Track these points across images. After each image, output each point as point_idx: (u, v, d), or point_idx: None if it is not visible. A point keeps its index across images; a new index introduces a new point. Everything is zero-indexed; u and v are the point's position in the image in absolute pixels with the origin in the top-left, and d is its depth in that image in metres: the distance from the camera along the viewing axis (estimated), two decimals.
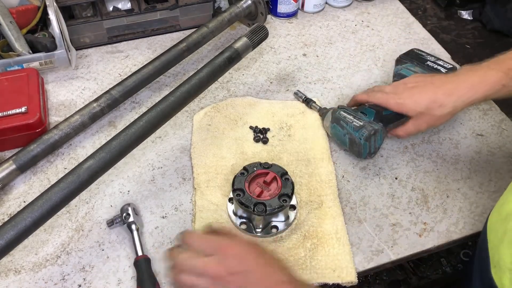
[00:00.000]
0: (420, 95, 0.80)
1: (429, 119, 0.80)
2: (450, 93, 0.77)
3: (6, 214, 0.82)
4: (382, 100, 0.84)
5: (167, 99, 0.86)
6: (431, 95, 0.79)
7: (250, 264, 0.57)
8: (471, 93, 0.76)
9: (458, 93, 0.77)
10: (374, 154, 0.90)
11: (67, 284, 0.73)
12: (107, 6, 1.14)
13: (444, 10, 1.32)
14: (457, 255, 0.99)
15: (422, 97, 0.80)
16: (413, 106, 0.80)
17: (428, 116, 0.80)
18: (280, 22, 1.24)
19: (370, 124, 0.85)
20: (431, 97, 0.78)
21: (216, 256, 0.56)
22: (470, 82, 0.76)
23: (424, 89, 0.80)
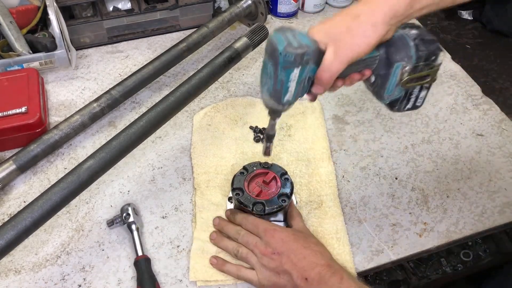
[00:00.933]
0: (336, 15, 0.62)
1: (346, 39, 0.59)
2: (367, 1, 0.61)
3: (6, 214, 0.82)
4: None
5: (167, 99, 0.86)
6: (346, 10, 0.61)
7: (291, 246, 0.69)
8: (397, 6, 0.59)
9: (377, 5, 0.59)
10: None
11: (67, 284, 0.73)
12: (107, 6, 1.14)
13: (444, 10, 1.31)
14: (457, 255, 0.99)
15: (336, 15, 0.62)
16: (325, 28, 0.61)
17: (344, 35, 0.59)
18: (280, 22, 1.24)
19: None
20: (344, 11, 0.61)
21: (264, 238, 0.71)
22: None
23: (342, 11, 0.62)
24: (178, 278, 0.74)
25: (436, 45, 0.65)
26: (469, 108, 1.02)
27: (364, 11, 0.59)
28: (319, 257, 0.68)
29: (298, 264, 0.67)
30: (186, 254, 0.77)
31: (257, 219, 0.74)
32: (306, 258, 0.68)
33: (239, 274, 0.72)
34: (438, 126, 0.98)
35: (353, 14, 0.60)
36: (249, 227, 0.74)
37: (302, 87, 0.62)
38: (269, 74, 0.60)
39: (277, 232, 0.71)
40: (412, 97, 0.70)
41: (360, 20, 0.59)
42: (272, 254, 0.69)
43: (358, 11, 0.60)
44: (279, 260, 0.68)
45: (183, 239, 0.79)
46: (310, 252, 0.68)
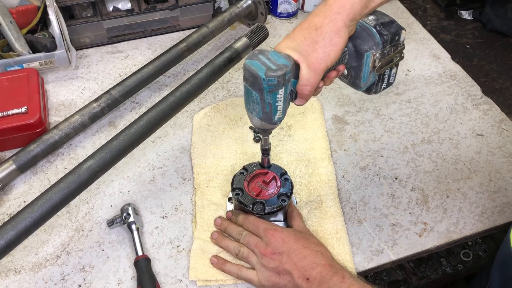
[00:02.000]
0: (296, 30, 0.63)
1: (314, 53, 0.61)
2: (323, 10, 0.61)
3: (6, 214, 0.82)
4: None
5: (167, 99, 0.86)
6: (304, 23, 0.62)
7: (291, 246, 0.69)
8: (347, 2, 0.60)
9: (331, 5, 0.61)
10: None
11: (67, 284, 0.73)
12: (107, 6, 1.14)
13: (444, 10, 1.32)
14: (457, 255, 0.99)
15: (297, 30, 0.63)
16: (290, 43, 0.62)
17: (310, 47, 0.61)
18: (280, 22, 1.24)
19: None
20: (304, 25, 0.62)
21: (264, 238, 0.71)
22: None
23: (301, 25, 0.63)
24: (178, 278, 0.74)
25: (396, 25, 0.68)
26: (469, 108, 1.02)
27: (324, 23, 0.61)
28: (320, 257, 0.68)
29: (299, 264, 0.67)
30: (186, 254, 0.77)
31: (257, 220, 0.74)
32: (307, 257, 0.68)
33: (240, 273, 0.72)
34: (438, 126, 0.98)
35: (314, 27, 0.61)
36: (250, 228, 0.74)
37: (288, 101, 0.64)
38: (255, 100, 0.61)
39: (277, 232, 0.71)
40: (385, 77, 0.73)
41: (323, 31, 0.60)
42: (273, 254, 0.69)
43: (319, 23, 0.61)
44: (279, 260, 0.69)
45: (183, 239, 0.79)
46: (311, 252, 0.69)
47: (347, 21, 0.60)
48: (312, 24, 0.61)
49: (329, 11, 0.61)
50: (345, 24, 0.60)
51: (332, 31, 0.60)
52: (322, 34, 0.60)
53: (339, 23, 0.60)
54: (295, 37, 0.62)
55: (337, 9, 0.60)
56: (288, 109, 0.65)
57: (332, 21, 0.60)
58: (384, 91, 0.87)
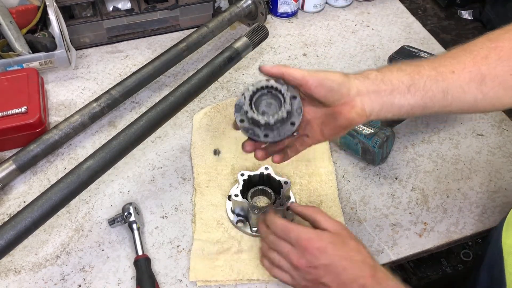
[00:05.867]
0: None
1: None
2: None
3: (6, 214, 0.82)
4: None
5: (167, 99, 0.86)
6: None
7: (328, 257, 0.61)
8: (363, 72, 0.61)
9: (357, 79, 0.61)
10: (385, 159, 0.90)
11: (67, 284, 0.73)
12: (107, 6, 1.14)
13: (444, 10, 1.32)
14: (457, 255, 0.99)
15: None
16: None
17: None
18: (280, 22, 1.24)
19: (382, 130, 0.85)
20: None
21: (297, 247, 0.63)
22: (358, 73, 0.62)
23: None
24: (178, 278, 0.74)
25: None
26: None
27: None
28: (361, 268, 0.61)
29: (338, 278, 0.61)
30: (186, 254, 0.77)
31: (287, 223, 0.66)
32: (347, 270, 0.61)
33: (274, 274, 0.67)
34: (438, 126, 0.98)
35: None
36: (279, 233, 0.66)
37: None
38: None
39: (312, 241, 0.63)
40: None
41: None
42: (308, 267, 0.62)
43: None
44: (316, 274, 0.62)
45: (183, 239, 0.79)
46: (351, 263, 0.62)
47: (356, 76, 0.60)
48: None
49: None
50: (353, 75, 0.60)
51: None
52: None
53: (349, 75, 0.60)
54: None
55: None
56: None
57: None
58: None
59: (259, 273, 0.74)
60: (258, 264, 0.74)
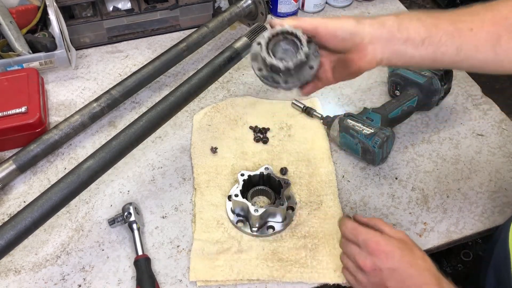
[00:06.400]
0: None
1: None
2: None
3: (6, 214, 0.82)
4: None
5: (167, 99, 0.86)
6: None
7: (395, 262, 0.61)
8: (381, 16, 0.61)
9: (366, 18, 0.61)
10: (385, 159, 0.90)
11: (67, 284, 0.73)
12: (107, 6, 1.14)
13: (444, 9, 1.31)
14: (457, 255, 0.99)
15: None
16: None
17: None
18: None
19: (381, 130, 0.85)
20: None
21: (365, 249, 0.63)
22: (387, 15, 0.62)
23: None
24: (178, 278, 0.74)
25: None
26: (469, 108, 1.02)
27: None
28: (427, 276, 0.61)
29: (403, 284, 0.61)
30: (186, 254, 0.77)
31: (356, 226, 0.66)
32: (413, 277, 0.60)
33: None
34: (438, 126, 0.98)
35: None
36: (348, 235, 0.66)
37: None
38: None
39: (380, 245, 0.62)
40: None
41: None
42: (373, 270, 0.62)
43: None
44: (381, 277, 0.61)
45: (183, 239, 0.79)
46: (417, 270, 0.61)
47: (371, 23, 0.60)
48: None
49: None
50: (368, 23, 0.60)
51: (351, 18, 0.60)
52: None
53: (363, 20, 0.60)
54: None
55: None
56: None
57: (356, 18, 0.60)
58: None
59: (259, 273, 0.74)
60: (258, 264, 0.74)
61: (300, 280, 0.73)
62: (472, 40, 0.60)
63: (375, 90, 1.05)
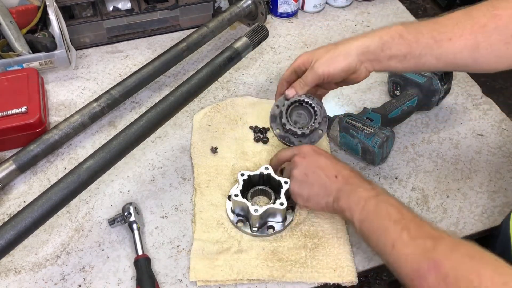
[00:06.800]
0: (320, 47, 0.79)
1: (324, 58, 0.75)
2: (346, 40, 0.75)
3: (6, 214, 0.82)
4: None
5: (167, 99, 0.86)
6: (328, 44, 0.77)
7: (321, 155, 0.76)
8: (367, 38, 0.72)
9: (354, 39, 0.74)
10: (385, 159, 0.90)
11: (67, 284, 0.73)
12: (107, 6, 1.14)
13: (444, 10, 1.32)
14: None
15: (320, 47, 0.78)
16: (311, 53, 0.78)
17: (323, 55, 0.75)
18: (280, 22, 1.24)
19: (381, 130, 0.85)
20: (327, 45, 0.77)
21: (293, 163, 0.78)
22: (369, 32, 0.74)
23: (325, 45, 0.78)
24: (178, 278, 0.74)
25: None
26: (469, 108, 1.02)
27: (342, 43, 0.75)
28: (343, 166, 0.74)
29: (325, 170, 0.74)
30: (186, 254, 0.77)
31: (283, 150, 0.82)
32: (331, 166, 0.75)
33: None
34: (438, 126, 0.98)
35: (334, 44, 0.76)
36: (280, 158, 0.83)
37: None
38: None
39: (305, 146, 0.79)
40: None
41: (337, 48, 0.74)
42: (302, 168, 0.76)
43: (338, 43, 0.75)
44: (305, 173, 0.75)
45: (183, 239, 0.79)
46: (333, 163, 0.75)
47: (359, 51, 0.72)
48: (335, 43, 0.76)
49: (350, 39, 0.74)
50: (357, 53, 0.72)
51: (342, 51, 0.73)
52: (335, 49, 0.74)
53: (352, 48, 0.72)
54: (318, 48, 0.78)
55: (356, 41, 0.73)
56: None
57: (348, 44, 0.73)
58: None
59: (259, 273, 0.74)
60: (258, 264, 0.75)
61: (300, 280, 0.73)
62: (451, 49, 0.68)
63: (375, 90, 1.05)
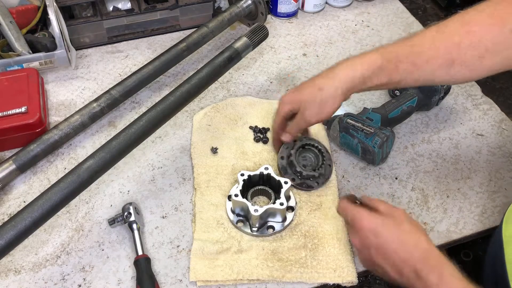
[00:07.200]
0: (304, 85, 0.79)
1: (313, 107, 0.77)
2: (329, 76, 0.75)
3: (6, 214, 0.82)
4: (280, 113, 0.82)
5: (167, 99, 0.86)
6: (311, 82, 0.77)
7: (379, 238, 0.63)
8: (349, 71, 0.73)
9: (337, 74, 0.74)
10: (385, 159, 0.90)
11: (67, 284, 0.73)
12: (107, 6, 1.14)
13: (444, 10, 1.32)
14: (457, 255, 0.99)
15: (305, 86, 0.78)
16: (297, 96, 0.79)
17: (312, 103, 0.76)
18: (280, 22, 1.24)
19: (381, 130, 0.85)
20: (310, 84, 0.77)
21: (353, 228, 0.67)
22: (349, 62, 0.74)
23: (308, 82, 0.79)
24: (178, 278, 0.74)
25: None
26: (469, 108, 1.02)
27: (327, 77, 0.75)
28: (412, 251, 0.61)
29: (389, 260, 0.62)
30: (186, 254, 0.77)
31: (346, 205, 0.69)
32: (398, 253, 0.61)
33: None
34: (438, 126, 0.98)
35: (318, 81, 0.76)
36: (341, 215, 0.71)
37: None
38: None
39: (363, 222, 0.64)
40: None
41: (323, 92, 0.75)
42: (362, 247, 0.65)
43: (322, 78, 0.76)
44: (368, 253, 0.64)
45: (183, 239, 0.79)
46: (402, 246, 0.62)
47: (344, 90, 0.73)
48: (317, 83, 0.76)
49: (334, 77, 0.74)
50: (342, 92, 0.73)
51: (330, 95, 0.74)
52: (321, 95, 0.75)
53: (338, 90, 0.73)
54: (302, 90, 0.78)
55: (340, 76, 0.73)
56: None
57: (333, 86, 0.74)
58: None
59: (259, 273, 0.74)
60: (258, 264, 0.75)
61: (300, 280, 0.73)
62: (429, 69, 0.70)
63: (375, 90, 1.05)
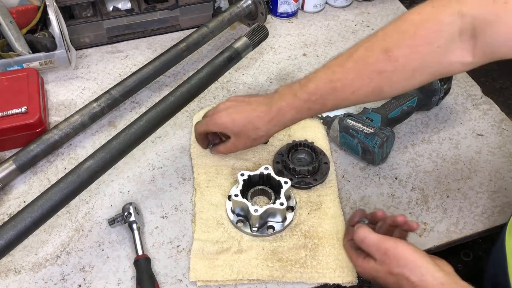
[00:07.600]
0: (236, 114, 0.80)
1: (246, 140, 0.81)
2: (262, 116, 0.77)
3: (6, 214, 0.82)
4: (204, 126, 0.84)
5: (167, 99, 0.86)
6: (247, 115, 0.79)
7: (408, 265, 0.62)
8: (280, 117, 0.76)
9: (269, 117, 0.77)
10: (385, 159, 0.90)
11: (67, 284, 0.73)
12: (107, 6, 1.14)
13: None
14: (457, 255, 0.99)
15: (238, 116, 0.80)
16: (231, 125, 0.80)
17: (245, 136, 0.80)
18: (280, 22, 1.24)
19: (381, 130, 0.85)
20: (246, 118, 0.79)
21: (379, 259, 0.65)
22: (279, 106, 0.75)
23: (240, 108, 0.80)
24: (178, 278, 0.74)
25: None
26: (469, 108, 1.02)
27: (262, 124, 0.79)
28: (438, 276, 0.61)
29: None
30: (186, 254, 0.77)
31: (363, 232, 0.68)
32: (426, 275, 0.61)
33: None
34: (438, 126, 0.98)
35: (253, 125, 0.79)
36: (357, 240, 0.69)
37: None
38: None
39: (391, 250, 0.64)
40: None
41: (259, 131, 0.80)
42: (389, 274, 0.64)
43: (257, 123, 0.79)
44: (382, 277, 0.65)
45: (183, 239, 0.79)
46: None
47: (277, 129, 0.79)
48: (252, 121, 0.79)
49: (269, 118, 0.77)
50: (275, 131, 0.80)
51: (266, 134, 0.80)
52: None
53: (271, 131, 0.79)
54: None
55: (273, 120, 0.77)
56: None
57: (268, 127, 0.78)
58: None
59: (259, 273, 0.74)
60: (258, 264, 0.75)
61: (300, 280, 0.73)
62: (357, 99, 0.71)
63: None
